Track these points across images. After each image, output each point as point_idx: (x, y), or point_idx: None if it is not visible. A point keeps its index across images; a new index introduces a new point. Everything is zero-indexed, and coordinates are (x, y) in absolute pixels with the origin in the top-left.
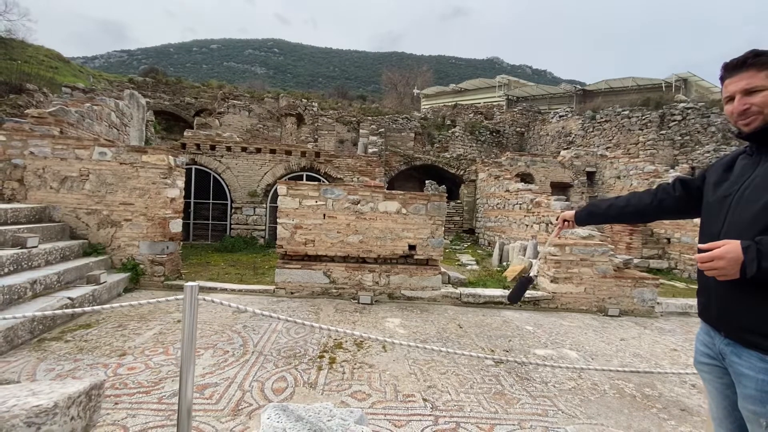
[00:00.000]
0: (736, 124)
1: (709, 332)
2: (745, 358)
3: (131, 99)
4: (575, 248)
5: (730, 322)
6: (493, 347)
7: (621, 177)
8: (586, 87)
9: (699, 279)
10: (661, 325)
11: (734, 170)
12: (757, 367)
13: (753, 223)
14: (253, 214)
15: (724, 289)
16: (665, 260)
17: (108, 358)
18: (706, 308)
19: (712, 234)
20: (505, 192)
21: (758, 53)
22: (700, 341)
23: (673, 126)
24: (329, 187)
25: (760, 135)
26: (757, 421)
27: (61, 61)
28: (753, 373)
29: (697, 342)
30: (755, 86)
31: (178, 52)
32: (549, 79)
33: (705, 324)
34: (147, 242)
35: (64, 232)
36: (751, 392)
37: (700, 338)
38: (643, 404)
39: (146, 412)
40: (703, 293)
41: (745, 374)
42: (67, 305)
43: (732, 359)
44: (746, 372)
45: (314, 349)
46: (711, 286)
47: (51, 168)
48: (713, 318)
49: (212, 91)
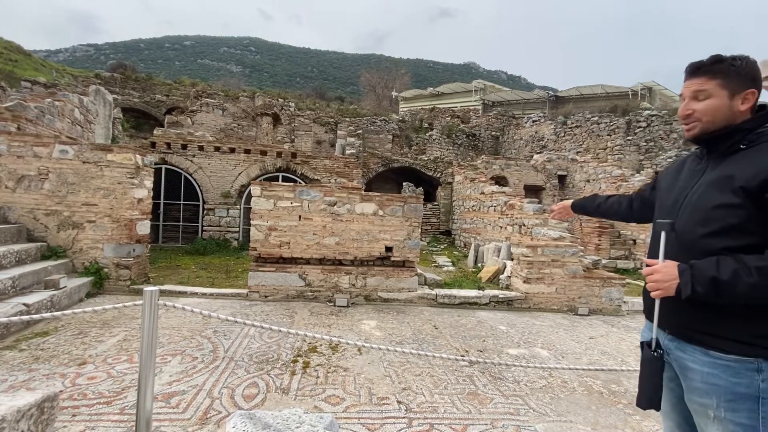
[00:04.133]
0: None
1: (652, 328)
2: (689, 352)
3: (97, 95)
4: (547, 249)
5: (673, 322)
6: (467, 347)
7: (590, 180)
8: (558, 93)
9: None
10: (628, 323)
11: (683, 173)
12: (701, 360)
13: (700, 227)
14: (226, 216)
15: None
16: (631, 260)
17: (66, 367)
18: (651, 306)
19: None
20: (480, 194)
21: (718, 59)
22: (644, 337)
23: (639, 132)
24: (305, 189)
25: (701, 141)
26: (705, 412)
27: (21, 53)
28: (698, 367)
29: (642, 338)
30: (701, 92)
31: (149, 47)
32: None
33: (648, 322)
34: (112, 245)
35: (20, 234)
36: (697, 384)
37: (644, 334)
38: (610, 400)
39: (106, 424)
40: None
41: (691, 368)
42: (22, 312)
43: (677, 354)
44: (691, 366)
45: (288, 354)
46: None
47: (6, 166)
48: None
49: (185, 89)
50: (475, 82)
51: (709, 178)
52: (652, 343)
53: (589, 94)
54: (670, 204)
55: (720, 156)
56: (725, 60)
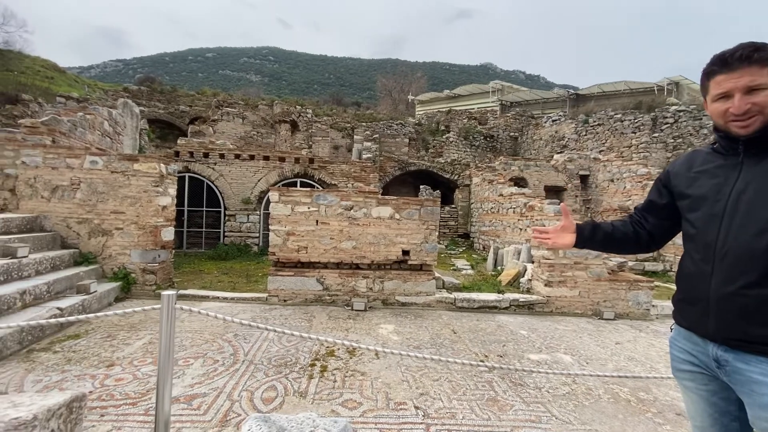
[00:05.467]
0: (728, 124)
1: (690, 338)
2: (754, 364)
3: (125, 108)
4: (569, 252)
5: (733, 332)
6: (487, 352)
7: (614, 180)
8: (579, 91)
9: (688, 288)
10: (657, 327)
11: (706, 173)
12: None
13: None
14: (246, 222)
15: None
16: (660, 262)
17: (96, 368)
18: (700, 319)
19: (707, 243)
20: (498, 196)
21: (757, 47)
22: (677, 348)
23: (666, 129)
24: (322, 193)
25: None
26: None
27: (56, 71)
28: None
29: (673, 349)
30: (759, 84)
31: (174, 60)
32: (542, 84)
33: (685, 330)
34: (138, 251)
35: (55, 241)
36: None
37: (680, 345)
38: (638, 409)
39: (132, 424)
40: (696, 303)
41: (758, 380)
42: (56, 315)
43: (737, 366)
44: (759, 378)
45: (306, 357)
46: (710, 297)
47: (42, 177)
48: (709, 329)
49: (206, 99)
50: (492, 83)
51: (759, 182)
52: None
53: (612, 91)
54: (708, 212)
55: (759, 153)
56: (764, 46)
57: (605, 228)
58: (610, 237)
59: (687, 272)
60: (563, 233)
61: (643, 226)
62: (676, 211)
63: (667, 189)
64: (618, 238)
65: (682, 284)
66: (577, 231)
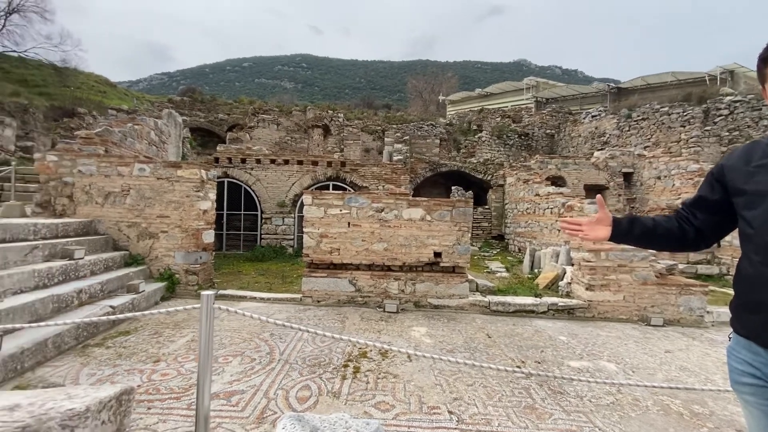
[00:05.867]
0: None
1: (751, 348)
2: None
3: (169, 118)
4: (612, 253)
5: None
6: (523, 358)
7: (662, 177)
8: (620, 85)
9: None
10: (712, 335)
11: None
12: None
13: None
14: (282, 224)
15: None
16: (715, 265)
17: (144, 364)
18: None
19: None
20: (534, 196)
21: None
22: (737, 359)
23: (720, 121)
24: (353, 196)
25: None
26: None
27: (108, 85)
28: None
29: (732, 360)
30: None
31: (213, 71)
32: (580, 79)
33: (744, 339)
34: (182, 252)
35: (107, 244)
36: None
37: (739, 355)
38: (692, 423)
39: (176, 418)
40: (756, 310)
41: None
42: (109, 313)
43: None
44: None
45: (339, 358)
46: None
47: (96, 184)
48: None
49: (243, 107)
50: (526, 80)
51: None
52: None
53: (657, 83)
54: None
55: None
56: None
57: (645, 222)
58: (650, 232)
59: (745, 275)
60: (598, 225)
61: (690, 222)
62: (730, 208)
63: (721, 184)
64: (660, 233)
65: (740, 289)
66: (613, 224)
